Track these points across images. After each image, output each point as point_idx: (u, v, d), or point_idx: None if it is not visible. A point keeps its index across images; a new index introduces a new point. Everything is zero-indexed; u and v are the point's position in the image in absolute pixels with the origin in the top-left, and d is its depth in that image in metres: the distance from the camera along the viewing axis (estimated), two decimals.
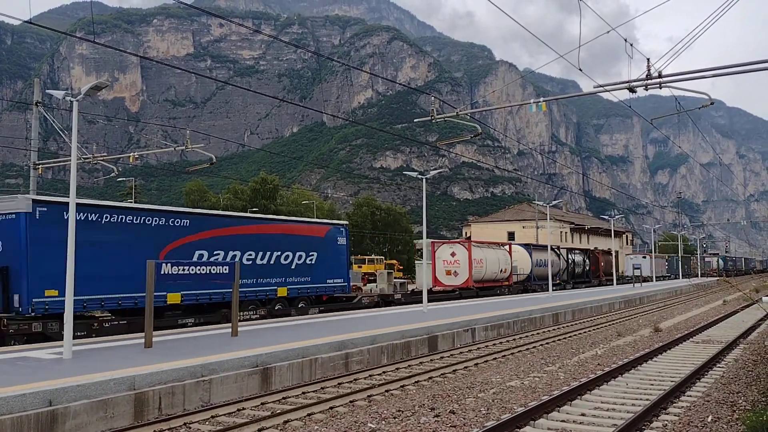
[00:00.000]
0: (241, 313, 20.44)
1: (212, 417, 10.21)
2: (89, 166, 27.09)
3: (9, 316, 15.78)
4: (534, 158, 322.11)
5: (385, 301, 31.00)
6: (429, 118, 19.24)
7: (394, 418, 9.76)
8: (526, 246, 47.24)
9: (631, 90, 15.61)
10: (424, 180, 26.50)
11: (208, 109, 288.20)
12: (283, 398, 11.64)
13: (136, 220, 18.45)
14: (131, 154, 26.06)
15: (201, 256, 19.91)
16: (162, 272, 14.21)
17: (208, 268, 15.95)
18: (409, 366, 15.31)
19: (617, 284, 54.70)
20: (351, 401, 11.28)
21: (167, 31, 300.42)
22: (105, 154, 26.98)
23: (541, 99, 18.57)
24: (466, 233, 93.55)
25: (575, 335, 21.78)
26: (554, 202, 54.65)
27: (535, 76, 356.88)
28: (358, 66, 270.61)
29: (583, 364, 15.05)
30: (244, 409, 10.77)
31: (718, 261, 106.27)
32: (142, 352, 13.53)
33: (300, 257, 23.96)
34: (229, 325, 17.15)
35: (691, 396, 11.15)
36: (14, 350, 14.11)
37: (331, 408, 10.74)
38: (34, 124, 25.91)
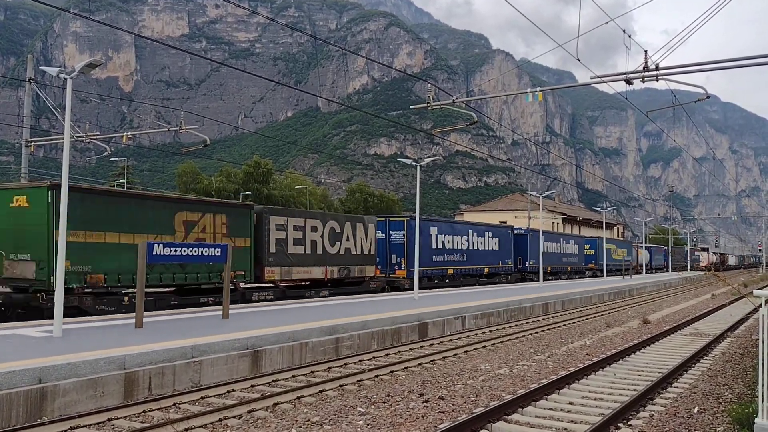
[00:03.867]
0: None
1: (202, 398, 10.24)
2: (81, 145, 26.86)
3: None
4: (528, 148, 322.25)
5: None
6: (425, 105, 19.21)
7: (384, 402, 9.81)
8: (706, 249, 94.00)
9: (628, 82, 15.61)
10: (418, 167, 26.49)
11: (202, 90, 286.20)
12: (273, 381, 11.68)
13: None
14: (124, 134, 25.96)
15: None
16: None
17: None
18: (399, 352, 15.38)
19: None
20: (341, 385, 11.33)
21: (162, 11, 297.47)
22: (97, 133, 26.78)
23: (538, 89, 18.57)
24: None
25: (564, 325, 21.92)
26: (547, 193, 54.68)
27: (531, 66, 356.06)
28: (355, 51, 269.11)
29: (572, 353, 15.15)
30: (234, 390, 10.81)
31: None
32: (133, 332, 13.52)
33: None
34: (220, 307, 17.15)
35: (677, 387, 11.25)
36: (4, 327, 14.07)
37: (320, 391, 10.79)
38: (27, 101, 25.71)
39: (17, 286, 17.30)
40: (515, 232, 45.27)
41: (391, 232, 32.31)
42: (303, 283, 25.99)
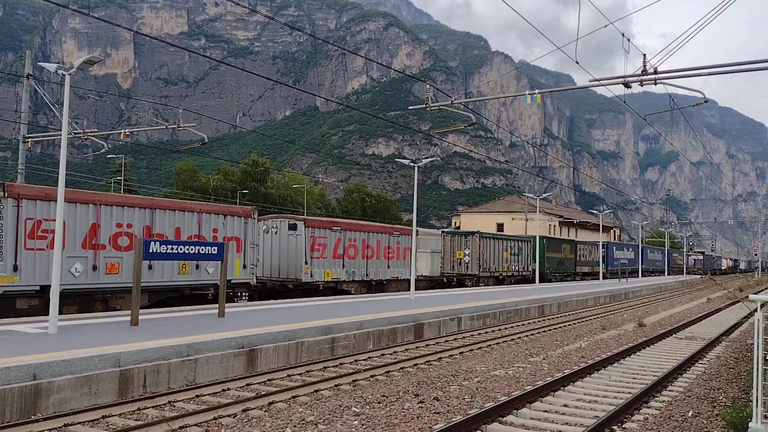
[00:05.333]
0: None
1: (197, 396, 10.22)
2: (79, 142, 26.82)
3: None
4: (526, 150, 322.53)
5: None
6: (424, 105, 19.21)
7: (379, 403, 9.81)
8: (702, 253, 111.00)
9: (626, 85, 15.63)
10: (416, 168, 26.46)
11: (200, 88, 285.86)
12: (269, 380, 11.67)
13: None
14: (122, 131, 25.89)
15: None
16: None
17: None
18: (395, 352, 15.37)
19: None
20: (336, 385, 11.32)
21: (162, 8, 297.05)
22: (95, 130, 26.70)
23: (536, 91, 18.57)
24: (455, 223, 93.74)
25: (560, 327, 21.93)
26: (544, 195, 54.84)
27: (530, 68, 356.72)
28: (354, 51, 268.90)
29: (567, 356, 15.16)
30: (229, 389, 10.79)
31: None
32: (128, 329, 13.50)
33: None
34: (216, 305, 17.12)
35: (672, 391, 11.27)
36: None
37: (316, 391, 10.78)
38: (25, 96, 25.64)
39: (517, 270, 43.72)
40: (640, 246, 74.48)
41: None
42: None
